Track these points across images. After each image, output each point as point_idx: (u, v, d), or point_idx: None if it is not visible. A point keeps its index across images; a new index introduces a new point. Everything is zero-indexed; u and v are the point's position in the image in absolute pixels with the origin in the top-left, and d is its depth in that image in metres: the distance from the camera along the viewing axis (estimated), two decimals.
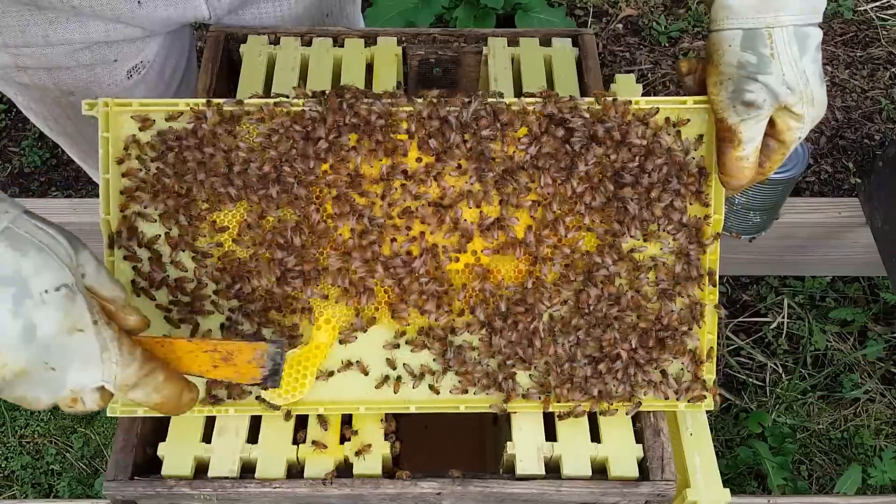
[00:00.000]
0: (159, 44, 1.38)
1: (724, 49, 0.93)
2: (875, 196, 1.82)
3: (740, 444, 2.11)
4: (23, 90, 1.38)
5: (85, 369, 0.76)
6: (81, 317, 0.75)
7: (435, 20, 2.82)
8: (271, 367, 0.86)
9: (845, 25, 2.99)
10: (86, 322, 0.75)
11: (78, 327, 0.74)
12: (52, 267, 0.74)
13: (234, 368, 0.86)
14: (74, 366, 0.76)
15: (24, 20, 1.21)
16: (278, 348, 0.87)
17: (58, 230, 0.77)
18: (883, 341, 2.28)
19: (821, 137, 2.70)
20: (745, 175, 0.97)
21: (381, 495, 0.98)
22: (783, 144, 0.96)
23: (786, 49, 0.91)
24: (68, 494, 2.08)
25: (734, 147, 0.95)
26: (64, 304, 0.73)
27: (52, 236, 0.75)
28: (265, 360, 0.86)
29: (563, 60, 1.30)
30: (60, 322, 0.73)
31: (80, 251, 0.78)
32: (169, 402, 0.82)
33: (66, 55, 1.28)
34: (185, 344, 0.85)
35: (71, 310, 0.74)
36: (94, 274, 0.79)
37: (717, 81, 0.95)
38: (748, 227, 1.80)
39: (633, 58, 2.92)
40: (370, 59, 1.30)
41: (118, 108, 1.00)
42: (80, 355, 0.75)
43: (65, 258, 0.75)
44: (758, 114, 0.93)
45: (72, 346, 0.75)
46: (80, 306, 0.75)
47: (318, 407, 1.02)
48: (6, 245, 0.72)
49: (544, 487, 0.98)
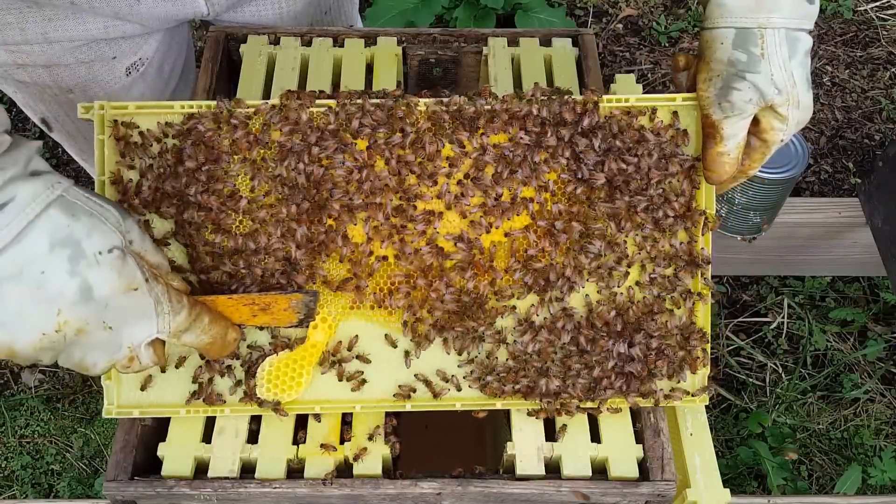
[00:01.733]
0: (158, 41, 1.38)
1: (717, 46, 0.95)
2: (875, 196, 1.82)
3: (740, 444, 2.11)
4: (22, 88, 1.38)
5: (140, 324, 0.82)
6: (134, 276, 0.80)
7: (435, 20, 2.82)
8: (306, 312, 0.96)
9: (845, 25, 2.99)
10: (139, 280, 0.80)
11: (133, 286, 0.80)
12: (104, 230, 0.79)
13: (272, 316, 0.95)
14: (131, 324, 0.81)
15: (22, 17, 1.22)
16: (312, 296, 0.95)
17: (106, 200, 0.82)
18: (883, 341, 2.28)
19: (821, 137, 2.70)
20: (726, 171, 0.98)
21: (381, 495, 0.98)
22: (765, 144, 0.98)
23: (776, 50, 0.92)
24: (68, 494, 2.08)
25: (716, 143, 0.97)
26: (117, 265, 0.79)
27: (101, 205, 0.81)
28: (300, 307, 0.95)
29: (563, 60, 1.30)
30: (115, 282, 0.79)
31: (127, 219, 0.83)
32: (216, 342, 0.90)
33: (65, 52, 1.28)
34: (224, 300, 0.92)
35: (124, 270, 0.79)
36: (140, 240, 0.84)
37: (706, 78, 0.96)
38: (748, 227, 1.80)
39: (633, 58, 2.92)
40: (370, 59, 1.30)
41: (113, 112, 1.00)
42: (135, 312, 0.81)
43: (115, 223, 0.81)
44: (742, 111, 0.94)
45: (128, 304, 0.80)
46: (132, 266, 0.80)
47: (314, 406, 1.02)
48: (60, 211, 0.77)
49: (544, 487, 0.98)
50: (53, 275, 0.76)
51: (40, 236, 0.75)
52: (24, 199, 0.75)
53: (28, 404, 2.21)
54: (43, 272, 0.76)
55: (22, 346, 0.78)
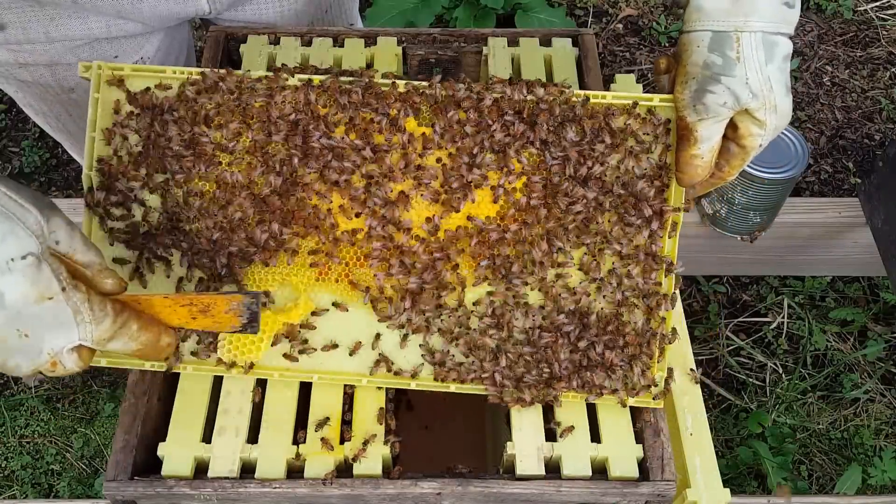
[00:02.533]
0: (159, 40, 1.38)
1: (693, 49, 0.95)
2: (875, 196, 1.82)
3: (740, 444, 2.11)
4: (23, 87, 1.38)
5: (59, 333, 0.79)
6: (49, 285, 0.76)
7: (435, 20, 2.83)
8: (248, 316, 0.90)
9: (845, 25, 2.99)
10: (54, 290, 0.76)
11: (47, 295, 0.76)
12: (19, 235, 0.75)
13: (213, 319, 0.90)
14: (49, 331, 0.78)
15: (25, 16, 1.22)
16: (253, 298, 0.90)
17: (28, 198, 0.77)
18: (883, 341, 2.28)
19: (821, 137, 2.70)
20: (698, 173, 0.98)
21: (381, 495, 0.98)
22: (744, 150, 0.97)
23: (752, 54, 0.92)
24: (68, 494, 2.08)
25: (690, 145, 0.97)
26: (30, 273, 0.75)
27: (21, 204, 0.76)
28: (242, 310, 0.90)
29: (563, 60, 1.30)
30: (27, 291, 0.75)
31: (52, 218, 0.78)
32: (147, 348, 0.87)
33: (67, 51, 1.29)
34: (161, 300, 0.88)
35: (37, 278, 0.75)
36: (68, 239, 0.80)
37: (682, 80, 0.96)
38: (748, 227, 1.80)
39: (633, 58, 2.92)
40: (370, 59, 1.30)
41: (111, 72, 1.06)
42: (52, 320, 0.77)
43: (33, 226, 0.76)
44: (717, 114, 0.94)
45: (43, 313, 0.77)
46: (46, 274, 0.76)
47: (273, 373, 1.04)
48: None
49: (544, 487, 0.98)
50: None
51: None
52: None
53: (28, 404, 2.21)
54: None
55: None
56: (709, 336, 2.33)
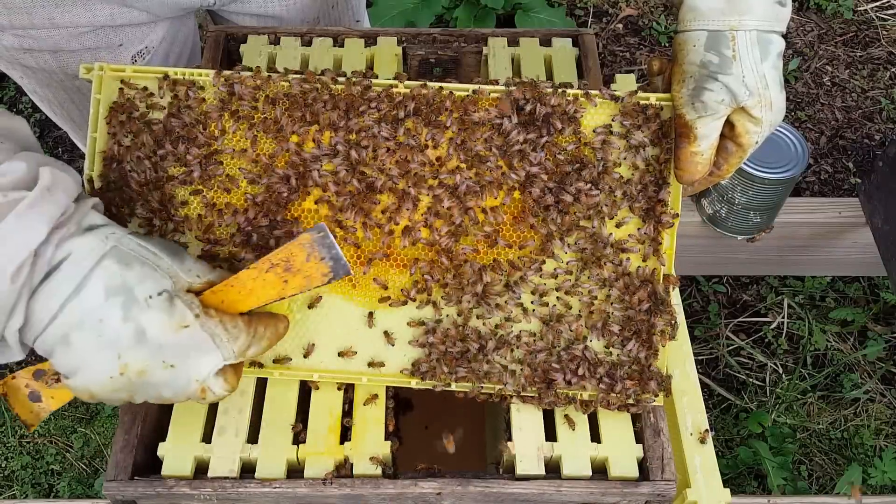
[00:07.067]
0: (164, 30, 1.38)
1: (689, 49, 0.96)
2: (875, 196, 1.82)
3: (740, 444, 2.11)
4: (28, 73, 1.38)
5: (202, 359, 0.85)
6: (184, 315, 0.84)
7: (435, 20, 2.83)
8: (331, 256, 0.87)
9: (845, 25, 2.99)
10: (189, 318, 0.84)
11: (183, 324, 0.83)
12: (154, 277, 0.84)
13: (302, 274, 0.88)
14: (192, 359, 0.84)
15: (30, 2, 1.22)
16: (319, 232, 0.86)
17: (159, 245, 0.87)
18: (883, 341, 2.28)
19: (821, 137, 2.70)
20: (698, 171, 0.99)
21: (381, 495, 0.98)
22: (741, 148, 0.99)
23: (748, 52, 0.94)
24: (68, 494, 2.08)
25: (689, 142, 0.98)
26: (166, 307, 0.83)
27: (154, 252, 0.86)
28: (320, 250, 0.86)
29: (563, 60, 1.30)
30: (165, 322, 0.82)
31: (185, 259, 0.88)
32: (273, 340, 0.93)
33: (72, 38, 1.29)
34: (247, 273, 0.89)
35: (173, 311, 0.83)
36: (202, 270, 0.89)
37: (680, 79, 0.98)
38: (748, 228, 1.80)
39: (633, 58, 2.92)
40: (370, 59, 1.30)
41: (112, 73, 1.05)
42: (193, 347, 0.84)
43: (166, 268, 0.86)
44: (715, 112, 0.95)
45: (183, 342, 0.83)
46: (181, 306, 0.84)
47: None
48: (113, 261, 0.83)
49: (544, 487, 0.98)
50: (110, 322, 0.81)
51: (96, 286, 0.81)
52: (80, 254, 0.81)
53: None
54: (101, 320, 0.81)
55: (97, 390, 0.84)
56: (709, 336, 2.33)
